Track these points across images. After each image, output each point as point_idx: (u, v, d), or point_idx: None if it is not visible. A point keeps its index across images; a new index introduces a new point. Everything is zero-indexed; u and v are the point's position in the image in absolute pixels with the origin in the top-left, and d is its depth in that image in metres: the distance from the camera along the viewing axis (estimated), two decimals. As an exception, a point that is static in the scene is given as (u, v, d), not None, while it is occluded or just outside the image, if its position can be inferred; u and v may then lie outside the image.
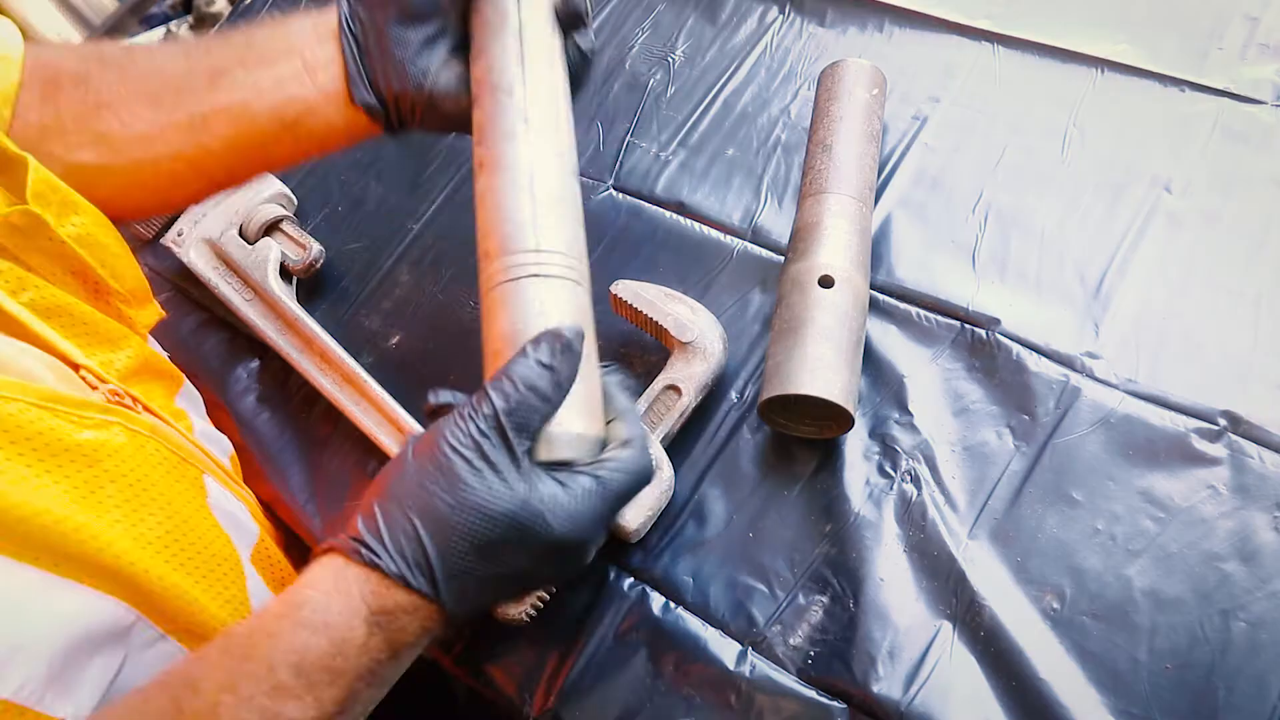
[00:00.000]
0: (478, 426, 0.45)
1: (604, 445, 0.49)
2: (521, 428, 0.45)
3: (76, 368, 0.52)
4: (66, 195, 0.53)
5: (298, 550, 0.69)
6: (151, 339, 0.63)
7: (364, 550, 0.44)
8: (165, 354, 0.64)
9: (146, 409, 0.55)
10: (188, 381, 0.64)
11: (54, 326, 0.52)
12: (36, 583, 0.42)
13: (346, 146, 0.60)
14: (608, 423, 0.50)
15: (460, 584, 0.44)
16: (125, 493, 0.49)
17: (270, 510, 0.72)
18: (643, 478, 0.48)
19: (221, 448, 0.66)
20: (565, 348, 0.47)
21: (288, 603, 0.44)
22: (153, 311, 0.59)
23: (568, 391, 0.47)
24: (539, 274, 0.49)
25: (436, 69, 0.57)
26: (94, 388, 0.52)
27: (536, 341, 0.47)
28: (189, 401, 0.64)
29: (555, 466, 0.46)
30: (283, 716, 0.41)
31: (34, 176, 0.50)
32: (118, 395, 0.53)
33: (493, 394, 0.45)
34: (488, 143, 0.53)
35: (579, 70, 0.59)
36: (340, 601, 0.43)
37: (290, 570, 0.67)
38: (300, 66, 0.57)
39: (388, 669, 0.45)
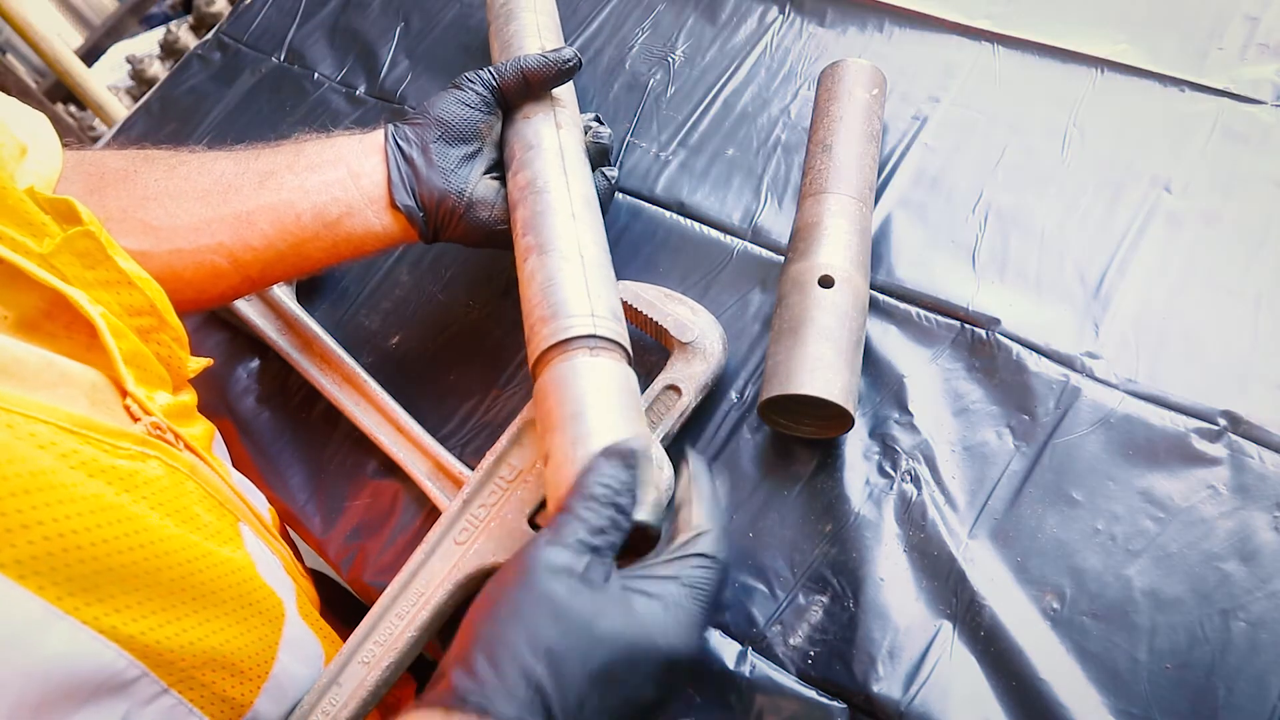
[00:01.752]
0: (571, 548, 0.45)
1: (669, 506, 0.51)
2: (609, 546, 0.46)
3: (125, 394, 0.50)
4: (112, 241, 0.51)
5: (329, 616, 0.68)
6: None
7: (470, 699, 0.40)
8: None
9: (189, 447, 0.54)
10: (218, 434, 0.62)
11: (119, 346, 0.50)
12: (35, 614, 0.40)
13: (378, 251, 0.65)
14: (677, 506, 0.51)
15: None
16: (164, 520, 0.48)
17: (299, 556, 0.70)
18: (724, 570, 0.48)
19: (259, 500, 0.64)
20: (632, 461, 0.48)
21: None
22: (199, 360, 0.58)
23: (637, 502, 0.48)
24: (595, 333, 0.55)
25: (475, 180, 0.64)
26: (136, 419, 0.50)
27: (609, 454, 0.48)
28: (222, 453, 0.63)
29: (635, 577, 0.46)
30: None
31: (84, 214, 0.50)
32: (159, 430, 0.51)
33: (581, 511, 0.46)
34: (536, 231, 0.60)
35: (605, 197, 0.69)
36: None
37: (328, 628, 0.65)
38: (346, 173, 0.62)
39: None
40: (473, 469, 0.65)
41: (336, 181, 0.62)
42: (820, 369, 0.56)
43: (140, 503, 0.46)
